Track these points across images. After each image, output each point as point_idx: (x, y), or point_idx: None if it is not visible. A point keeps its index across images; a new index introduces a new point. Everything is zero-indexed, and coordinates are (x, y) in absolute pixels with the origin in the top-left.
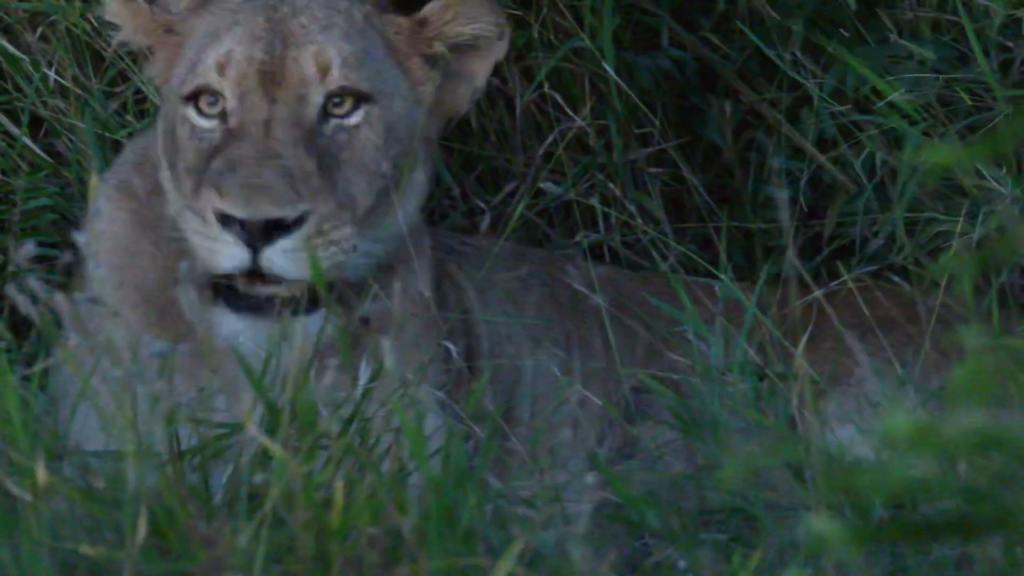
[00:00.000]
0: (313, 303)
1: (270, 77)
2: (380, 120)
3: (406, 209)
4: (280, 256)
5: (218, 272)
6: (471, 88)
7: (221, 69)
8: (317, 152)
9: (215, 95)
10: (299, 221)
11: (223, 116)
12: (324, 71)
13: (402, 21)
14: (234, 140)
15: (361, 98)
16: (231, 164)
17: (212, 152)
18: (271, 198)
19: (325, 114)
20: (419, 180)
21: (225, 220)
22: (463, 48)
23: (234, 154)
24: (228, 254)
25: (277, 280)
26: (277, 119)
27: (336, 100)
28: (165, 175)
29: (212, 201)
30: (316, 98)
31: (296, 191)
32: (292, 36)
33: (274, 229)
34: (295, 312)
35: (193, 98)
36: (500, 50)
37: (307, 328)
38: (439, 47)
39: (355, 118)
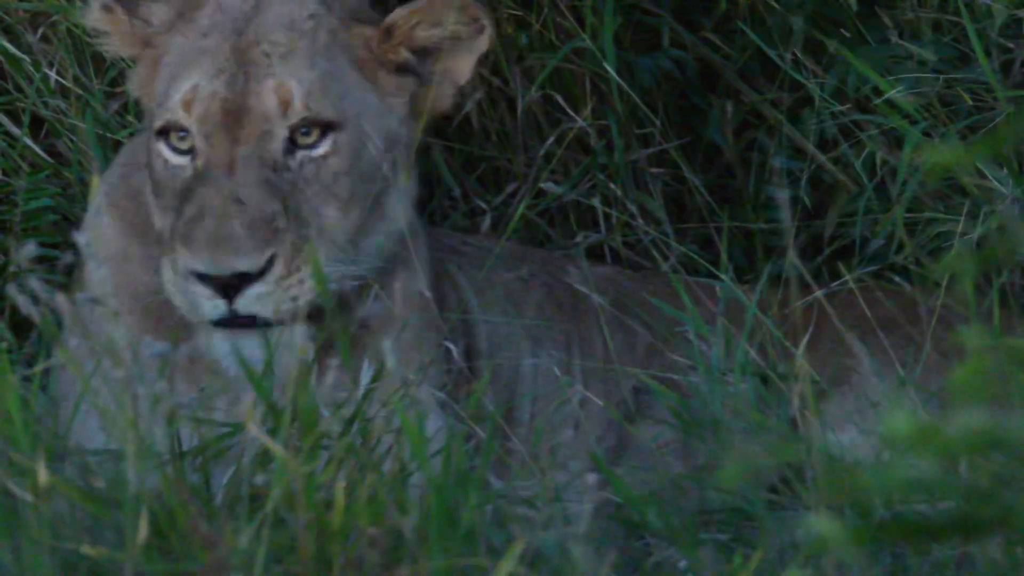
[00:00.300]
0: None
1: (233, 115)
2: (348, 145)
3: (393, 217)
4: (254, 301)
5: (199, 320)
6: (454, 86)
7: (187, 106)
8: (283, 189)
9: (184, 130)
10: (267, 266)
11: (193, 153)
12: (285, 105)
13: (369, 33)
14: (201, 183)
15: (327, 126)
16: (199, 213)
17: (185, 191)
18: (235, 251)
19: (293, 145)
20: (403, 188)
21: (198, 275)
22: (438, 50)
23: (201, 201)
24: (205, 306)
25: (254, 323)
26: (240, 160)
27: (303, 130)
28: (150, 198)
29: (183, 259)
30: (280, 132)
31: (261, 239)
32: (254, 67)
33: (243, 278)
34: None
35: (164, 133)
36: (481, 45)
37: (300, 337)
38: (405, 54)
39: (322, 148)
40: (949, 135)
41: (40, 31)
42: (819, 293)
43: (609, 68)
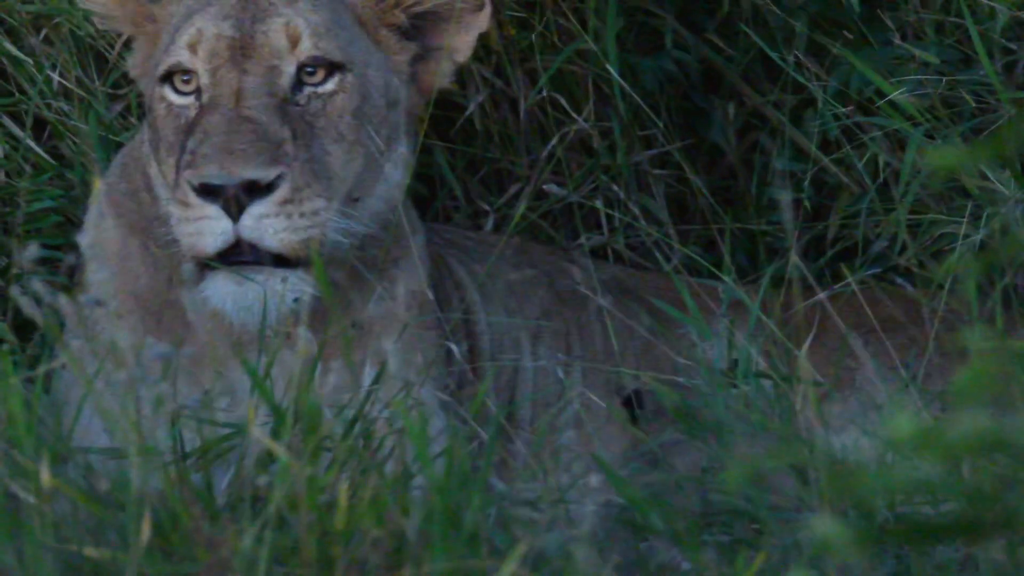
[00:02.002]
0: (297, 262)
1: (240, 51)
2: (355, 88)
3: (391, 180)
4: (258, 222)
5: (204, 256)
6: (453, 63)
7: (193, 48)
8: (291, 120)
9: (189, 73)
10: (273, 185)
11: (198, 93)
12: (294, 41)
13: None
14: (207, 113)
15: (334, 67)
16: (205, 135)
17: (189, 128)
18: (245, 160)
19: (299, 83)
20: (402, 154)
21: (205, 193)
22: (439, 20)
23: (207, 124)
24: (211, 230)
25: (257, 260)
26: (248, 88)
27: (309, 70)
28: (153, 169)
29: (189, 177)
30: (288, 68)
31: (269, 153)
32: (260, 11)
33: (251, 192)
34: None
35: (168, 78)
36: (481, 22)
37: (291, 287)
38: (403, 18)
39: (329, 85)
40: (952, 137)
41: (43, 33)
42: (822, 295)
43: (612, 70)
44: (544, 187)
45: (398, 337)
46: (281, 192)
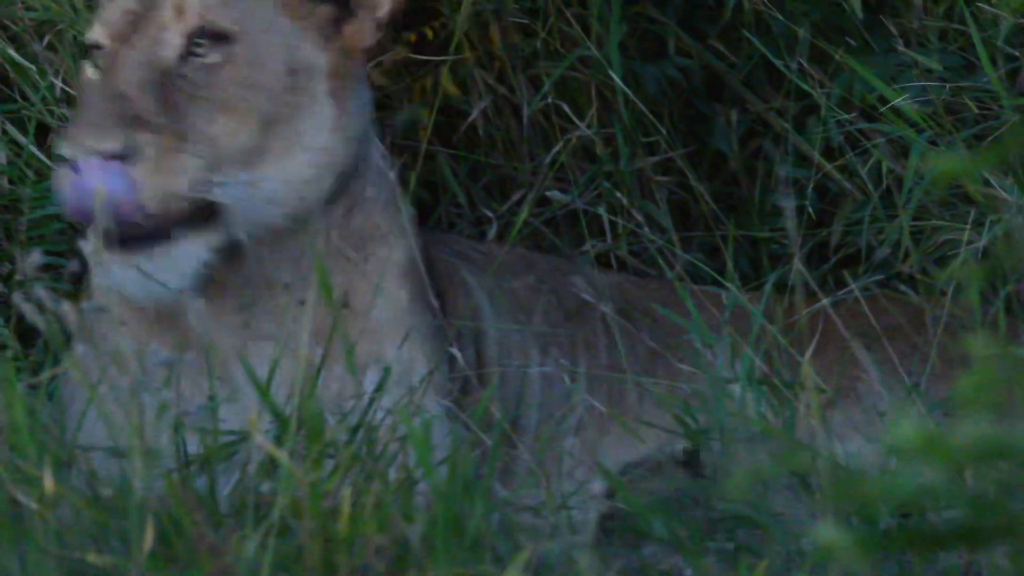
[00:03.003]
0: (182, 229)
1: (135, 25)
2: (246, 58)
3: (314, 145)
4: (125, 188)
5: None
6: (374, 20)
7: (103, 23)
8: (169, 92)
9: (101, 48)
10: (133, 153)
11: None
12: (180, 12)
13: None
14: (88, 88)
15: (221, 37)
16: (77, 109)
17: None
18: (95, 133)
19: (190, 54)
20: (326, 119)
21: (70, 165)
22: None
23: (82, 99)
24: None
25: (149, 235)
26: (126, 62)
27: (200, 40)
28: None
29: (59, 151)
30: (174, 40)
31: (124, 125)
32: None
33: (113, 160)
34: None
35: (89, 55)
36: None
37: (188, 254)
38: None
39: (214, 57)
40: (955, 144)
41: (46, 40)
42: (825, 301)
43: (615, 76)
44: (547, 193)
45: (372, 329)
46: (141, 158)
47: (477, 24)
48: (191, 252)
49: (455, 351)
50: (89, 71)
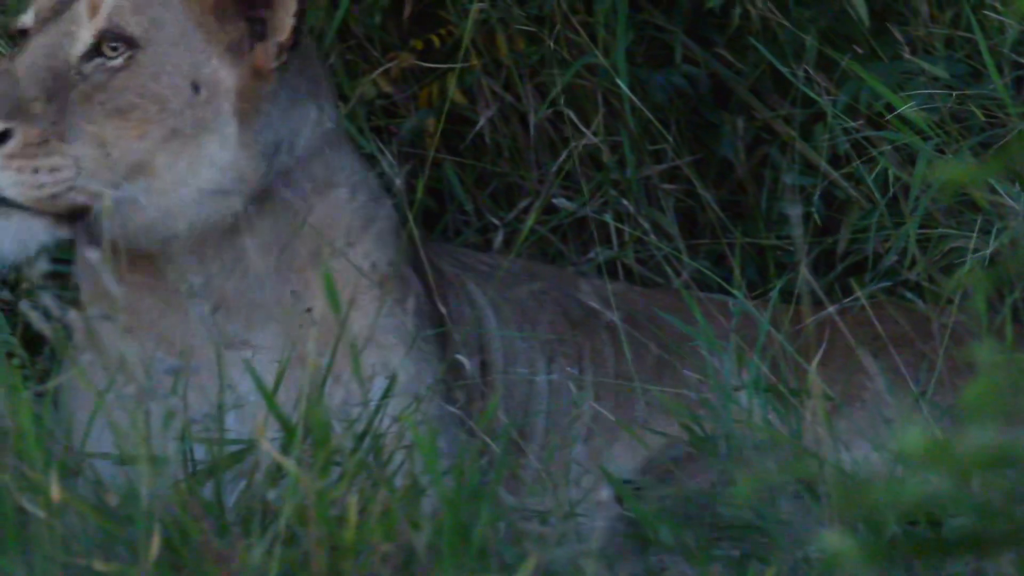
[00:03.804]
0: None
1: (54, 15)
2: (148, 66)
3: (215, 165)
4: None
5: None
6: (275, 41)
7: (34, 7)
8: (62, 85)
9: (26, 31)
10: (3, 138)
11: None
12: (94, 11)
13: None
14: None
15: (129, 42)
16: None
17: None
18: None
19: (95, 54)
20: (229, 136)
21: None
22: (264, 5)
23: None
24: None
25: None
26: (31, 47)
27: (111, 45)
28: None
29: None
30: (84, 35)
31: (3, 109)
32: None
33: None
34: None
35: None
36: (289, 2)
37: (32, 227)
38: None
39: (118, 60)
40: (962, 151)
41: None
42: (831, 309)
43: (622, 84)
44: (554, 201)
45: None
46: (9, 146)
47: (484, 32)
48: (33, 228)
49: (463, 359)
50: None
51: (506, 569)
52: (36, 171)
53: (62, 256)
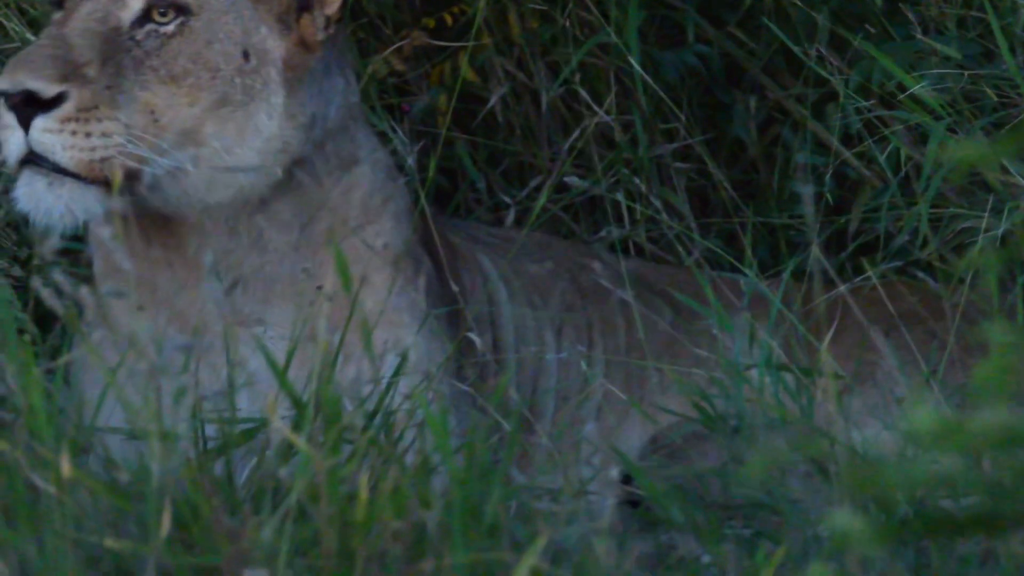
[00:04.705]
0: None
1: None
2: (202, 33)
3: (261, 135)
4: (42, 134)
5: (9, 167)
6: (323, 14)
7: None
8: (116, 53)
9: None
10: (57, 101)
11: None
12: None
13: None
14: (44, 30)
15: (181, 9)
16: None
17: None
18: (29, 70)
19: (146, 19)
20: (277, 106)
21: (4, 100)
22: None
23: (34, 42)
24: (7, 138)
25: (57, 170)
26: (82, 11)
27: (161, 10)
28: None
29: None
30: (134, 2)
31: (58, 70)
32: None
33: (35, 105)
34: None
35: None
36: None
37: (84, 196)
38: None
39: (169, 27)
40: (973, 131)
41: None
42: (843, 288)
43: (634, 63)
44: (565, 180)
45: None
46: (64, 109)
47: (496, 10)
48: (85, 197)
49: (474, 336)
50: (56, 16)
51: (516, 547)
52: (88, 135)
53: (73, 233)
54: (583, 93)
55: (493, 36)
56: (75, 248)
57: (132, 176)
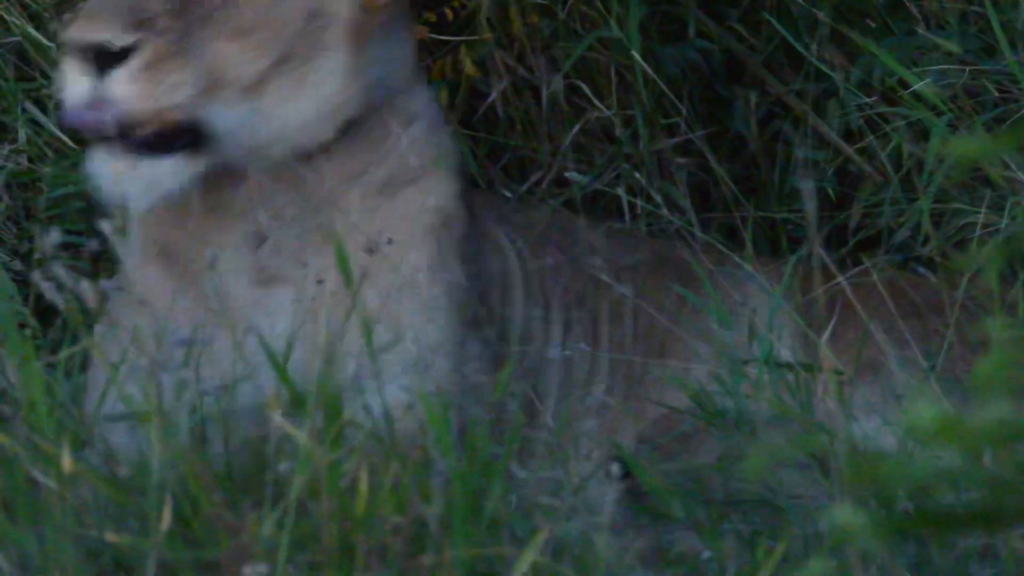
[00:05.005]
0: (168, 148)
1: None
2: None
3: (319, 94)
4: (114, 85)
5: (71, 116)
6: None
7: None
8: (185, 2)
9: None
10: (128, 52)
11: None
12: None
13: None
14: None
15: None
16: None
17: None
18: (100, 21)
19: None
20: (337, 68)
21: (72, 51)
22: None
23: None
24: (73, 84)
25: (138, 144)
26: None
27: None
28: None
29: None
30: None
31: (130, 21)
32: None
33: (105, 56)
34: (144, 148)
35: None
36: None
37: (165, 170)
38: None
39: None
40: (975, 126)
41: (65, 18)
42: (842, 279)
43: (636, 57)
44: (566, 174)
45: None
46: (135, 60)
47: (497, 5)
48: (167, 171)
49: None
50: None
51: (517, 541)
52: (159, 86)
53: (73, 228)
54: (584, 88)
55: (494, 31)
56: (76, 242)
57: (199, 133)
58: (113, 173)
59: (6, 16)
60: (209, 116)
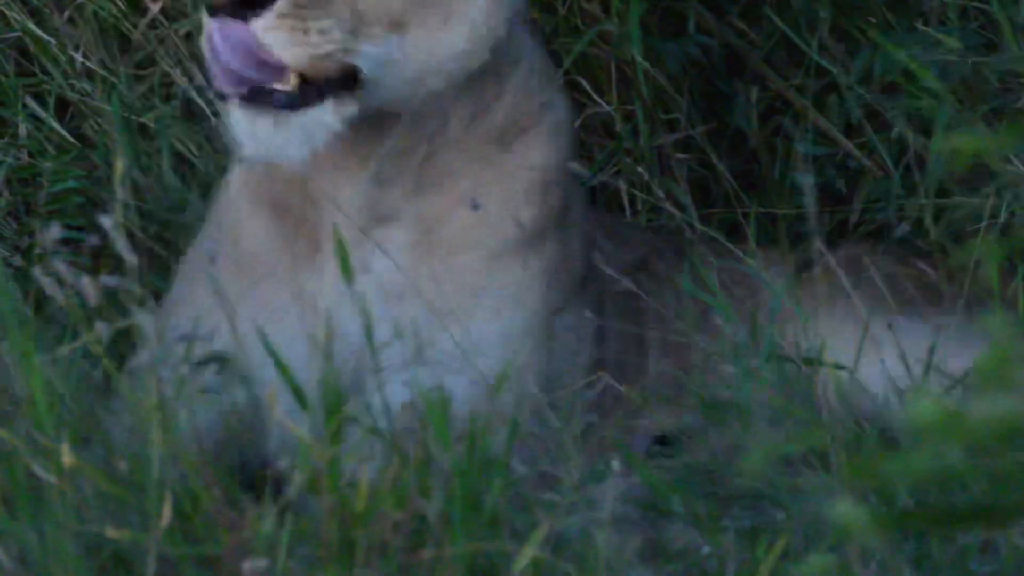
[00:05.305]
0: (319, 96)
1: None
2: None
3: (464, 23)
4: (263, 33)
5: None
6: None
7: None
8: None
9: None
10: (268, 4)
11: None
12: None
13: None
14: None
15: None
16: None
17: None
18: None
19: None
20: (480, 9)
21: (211, 13)
22: None
23: None
24: (222, 40)
25: (282, 102)
26: None
27: None
28: None
29: None
30: None
31: None
32: None
33: (245, 6)
34: (293, 102)
35: None
36: None
37: (318, 120)
38: None
39: None
40: (975, 117)
41: (66, 13)
42: (842, 275)
43: (636, 53)
44: (567, 169)
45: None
46: (280, 4)
47: None
48: (320, 121)
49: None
50: None
51: (517, 537)
52: (306, 32)
53: (73, 223)
54: (584, 83)
55: None
56: (77, 238)
57: (349, 77)
58: (264, 130)
59: (7, 11)
60: (358, 58)
